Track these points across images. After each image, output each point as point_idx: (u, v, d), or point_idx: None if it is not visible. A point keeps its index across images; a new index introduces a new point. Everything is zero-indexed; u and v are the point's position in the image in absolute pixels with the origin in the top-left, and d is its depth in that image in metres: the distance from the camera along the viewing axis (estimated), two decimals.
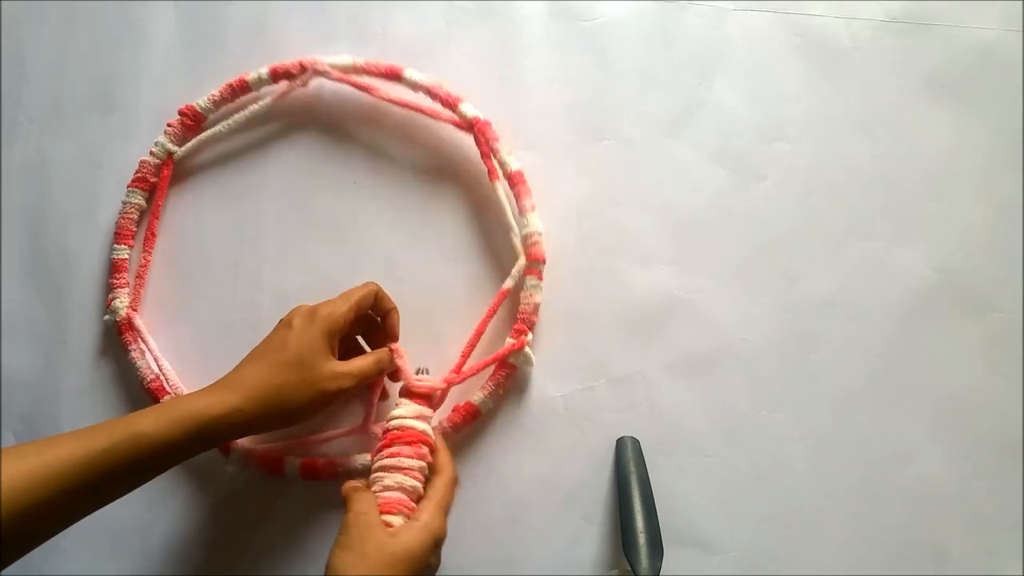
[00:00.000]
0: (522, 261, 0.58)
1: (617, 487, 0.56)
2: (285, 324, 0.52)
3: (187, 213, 0.63)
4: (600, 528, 0.57)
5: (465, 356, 0.57)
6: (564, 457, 0.58)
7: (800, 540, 0.57)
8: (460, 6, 0.65)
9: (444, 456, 0.53)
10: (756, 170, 0.62)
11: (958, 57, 0.65)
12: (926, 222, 0.62)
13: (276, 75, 0.61)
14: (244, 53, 0.64)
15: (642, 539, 0.52)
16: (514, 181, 0.59)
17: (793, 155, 0.63)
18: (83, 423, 0.46)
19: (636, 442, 0.57)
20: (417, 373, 0.55)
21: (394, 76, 0.61)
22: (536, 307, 0.58)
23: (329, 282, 0.58)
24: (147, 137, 0.63)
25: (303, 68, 0.61)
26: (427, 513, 0.48)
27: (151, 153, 0.61)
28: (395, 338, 0.56)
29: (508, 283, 0.58)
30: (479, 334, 0.58)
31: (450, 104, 0.61)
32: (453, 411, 0.58)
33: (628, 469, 0.56)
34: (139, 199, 0.61)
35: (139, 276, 0.60)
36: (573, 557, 0.57)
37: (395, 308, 0.56)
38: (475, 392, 0.58)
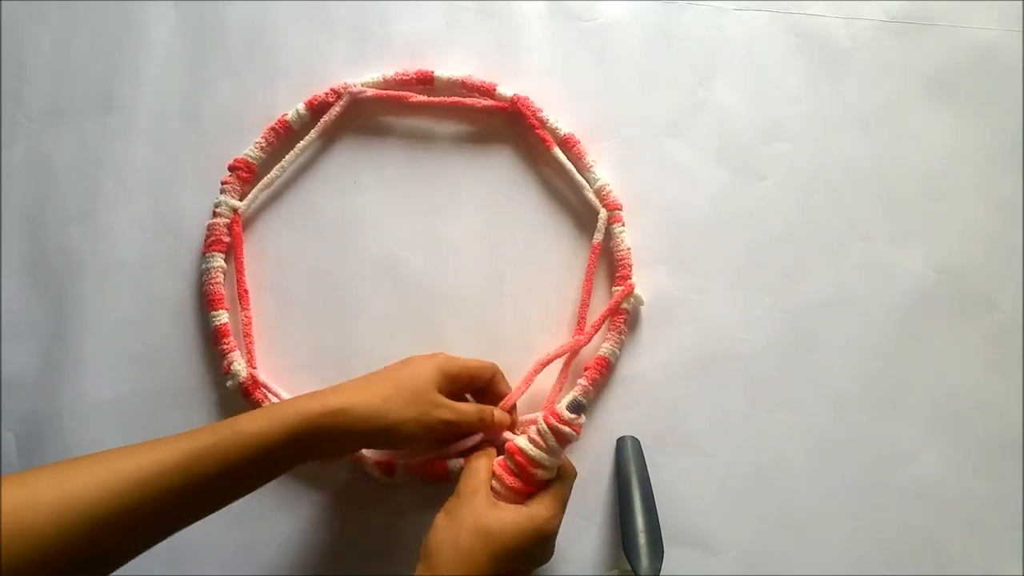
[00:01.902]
0: (604, 212, 0.60)
1: (617, 487, 0.56)
2: (400, 360, 0.53)
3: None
4: (600, 528, 0.57)
5: (582, 317, 0.59)
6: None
7: (800, 540, 0.57)
8: (460, 6, 0.65)
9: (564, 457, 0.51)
10: (756, 170, 0.62)
11: (958, 57, 0.64)
12: (926, 222, 0.62)
13: (313, 108, 0.62)
14: (244, 53, 0.64)
15: (642, 539, 0.52)
16: (570, 143, 0.61)
17: (793, 155, 0.63)
18: (83, 423, 0.46)
19: (636, 442, 0.57)
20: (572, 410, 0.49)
21: (426, 81, 0.62)
22: (629, 250, 0.60)
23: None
24: (147, 137, 0.63)
25: (338, 94, 0.62)
26: (537, 502, 0.48)
27: (216, 214, 0.60)
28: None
29: (597, 236, 0.60)
30: (588, 292, 0.59)
31: (487, 91, 0.62)
32: (586, 370, 0.58)
33: (628, 469, 0.56)
34: (220, 262, 0.60)
35: (246, 335, 0.59)
36: (573, 557, 0.57)
37: (509, 393, 0.56)
38: (601, 346, 0.59)
